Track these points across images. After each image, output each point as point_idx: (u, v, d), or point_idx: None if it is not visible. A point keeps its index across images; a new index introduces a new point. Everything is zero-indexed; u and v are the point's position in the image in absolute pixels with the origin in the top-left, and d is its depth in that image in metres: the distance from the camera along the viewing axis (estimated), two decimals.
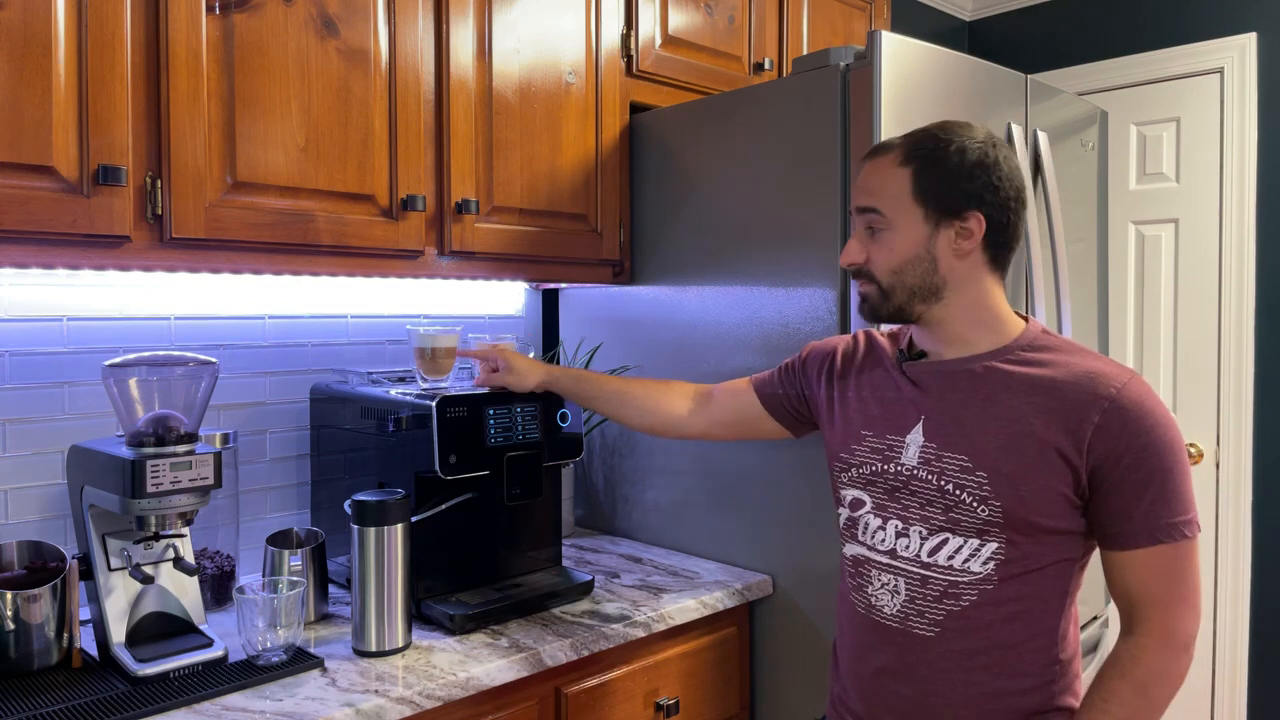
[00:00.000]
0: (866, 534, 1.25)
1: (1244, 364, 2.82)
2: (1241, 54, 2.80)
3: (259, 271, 1.54)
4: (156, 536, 1.40)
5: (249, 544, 1.82)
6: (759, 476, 1.88)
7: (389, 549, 1.46)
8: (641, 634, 1.61)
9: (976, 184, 1.14)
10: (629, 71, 2.06)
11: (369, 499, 1.46)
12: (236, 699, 1.28)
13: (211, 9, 1.43)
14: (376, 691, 1.31)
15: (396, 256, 1.68)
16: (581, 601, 1.70)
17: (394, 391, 1.66)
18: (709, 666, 1.78)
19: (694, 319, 1.99)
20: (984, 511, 1.13)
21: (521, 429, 1.66)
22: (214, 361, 1.39)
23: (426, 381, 1.67)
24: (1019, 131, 1.91)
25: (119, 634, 1.36)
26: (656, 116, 2.05)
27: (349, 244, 1.60)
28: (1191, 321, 2.93)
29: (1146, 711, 1.10)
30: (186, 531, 1.43)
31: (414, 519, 1.54)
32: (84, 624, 1.49)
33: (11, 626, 1.32)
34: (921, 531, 1.18)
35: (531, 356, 1.69)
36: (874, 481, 1.24)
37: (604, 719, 1.59)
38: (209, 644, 1.38)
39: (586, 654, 1.53)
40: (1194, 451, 2.91)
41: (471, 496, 1.63)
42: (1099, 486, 1.10)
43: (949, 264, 1.17)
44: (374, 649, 1.44)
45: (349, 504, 1.48)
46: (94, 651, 1.41)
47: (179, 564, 1.40)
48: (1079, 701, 1.17)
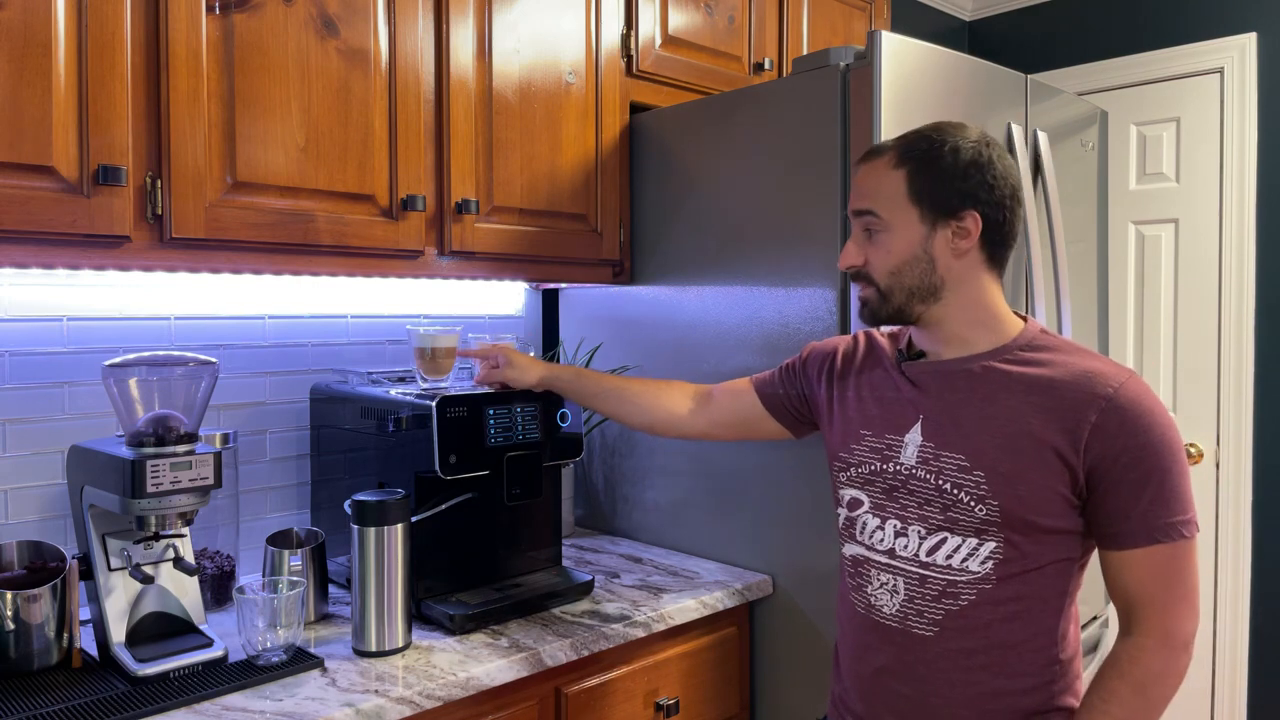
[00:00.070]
0: (865, 534, 1.25)
1: (1244, 364, 2.82)
2: (1241, 54, 2.80)
3: (259, 271, 1.54)
4: (156, 536, 1.40)
5: (249, 544, 1.82)
6: (759, 476, 1.88)
7: (389, 549, 1.46)
8: (641, 634, 1.62)
9: (971, 183, 1.15)
10: (629, 71, 2.06)
11: (369, 499, 1.46)
12: (236, 699, 1.28)
13: (211, 9, 1.43)
14: (376, 691, 1.31)
15: (396, 256, 1.68)
16: (581, 601, 1.70)
17: (394, 391, 1.66)
18: (709, 666, 1.78)
19: (694, 319, 1.99)
20: (981, 511, 1.13)
21: (521, 429, 1.66)
22: (214, 361, 1.39)
23: (426, 381, 1.67)
24: (1019, 131, 1.91)
25: (119, 634, 1.36)
26: (656, 116, 2.06)
27: (349, 244, 1.60)
28: (1191, 321, 2.93)
29: (1145, 711, 1.10)
30: (186, 531, 1.43)
31: (414, 519, 1.54)
32: (84, 624, 1.49)
33: (11, 626, 1.32)
34: (920, 531, 1.18)
35: (531, 356, 1.70)
36: (872, 481, 1.24)
37: (604, 719, 1.59)
38: (209, 644, 1.38)
39: (586, 654, 1.53)
40: (1194, 451, 2.91)
41: (471, 496, 1.63)
42: (1096, 486, 1.10)
43: (947, 264, 1.17)
44: (374, 649, 1.44)
45: (349, 504, 1.48)
46: (94, 651, 1.41)
47: (179, 564, 1.40)
48: (1080, 702, 1.17)
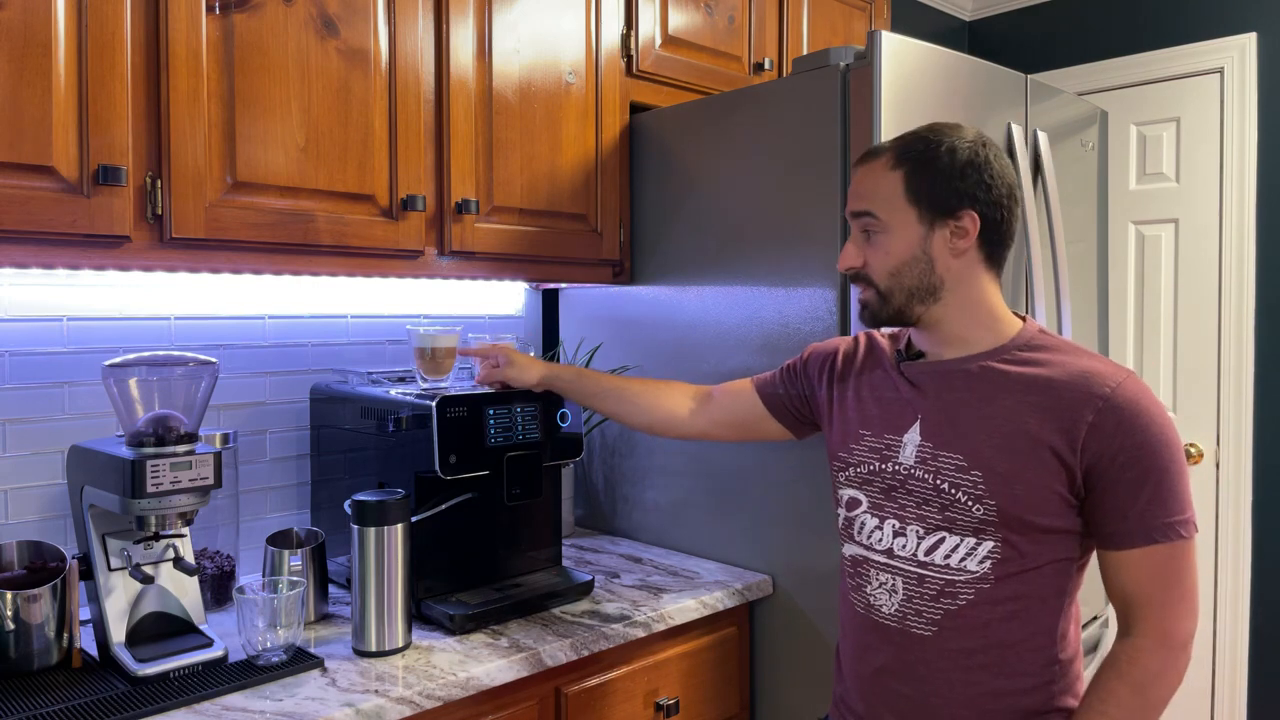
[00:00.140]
0: (863, 534, 1.25)
1: (1244, 364, 2.82)
2: (1241, 54, 2.80)
3: (259, 271, 1.54)
4: (156, 536, 1.40)
5: (249, 544, 1.82)
6: (759, 476, 1.88)
7: (389, 549, 1.46)
8: (641, 634, 1.62)
9: (969, 183, 1.15)
10: (629, 71, 2.06)
11: (369, 499, 1.46)
12: (236, 699, 1.28)
13: (211, 9, 1.43)
14: (376, 691, 1.31)
15: (396, 256, 1.68)
16: (581, 601, 1.70)
17: (394, 391, 1.66)
18: (709, 666, 1.78)
19: (694, 319, 1.99)
20: (979, 510, 1.13)
21: (521, 429, 1.66)
22: (214, 361, 1.39)
23: (426, 381, 1.67)
24: (1019, 131, 1.91)
25: (119, 634, 1.36)
26: (656, 116, 2.05)
27: (349, 244, 1.60)
28: (1191, 321, 2.93)
29: (1144, 712, 1.10)
30: (186, 531, 1.43)
31: (414, 519, 1.54)
32: (84, 624, 1.49)
33: (11, 626, 1.32)
34: (918, 531, 1.18)
35: (531, 355, 1.70)
36: (871, 481, 1.24)
37: (604, 719, 1.59)
38: (209, 644, 1.38)
39: (586, 654, 1.53)
40: (1194, 451, 2.91)
41: (471, 496, 1.63)
42: (1094, 485, 1.10)
43: (945, 264, 1.17)
44: (374, 649, 1.44)
45: (349, 504, 1.48)
46: (94, 651, 1.41)
47: (179, 564, 1.40)
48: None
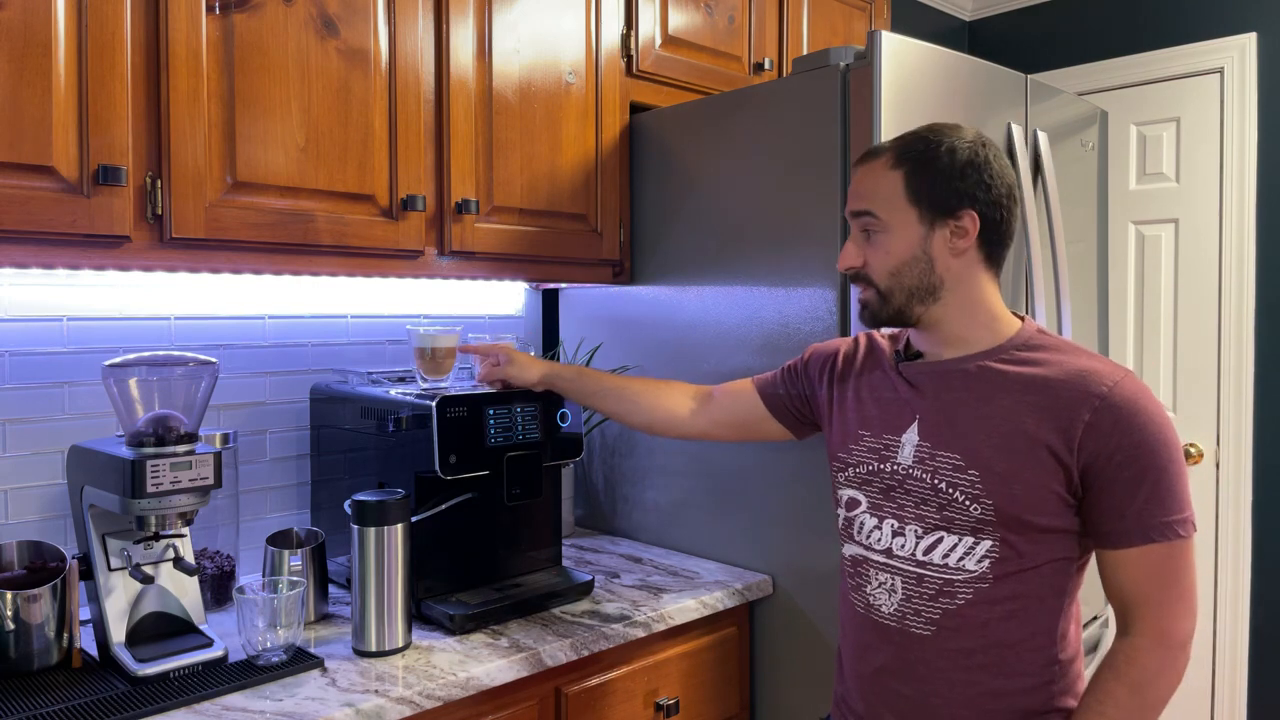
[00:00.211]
0: (862, 534, 1.25)
1: (1244, 364, 2.82)
2: (1241, 54, 2.80)
3: (259, 271, 1.54)
4: (156, 536, 1.40)
5: (249, 544, 1.82)
6: (759, 476, 1.87)
7: (389, 549, 1.46)
8: (641, 634, 1.62)
9: (969, 183, 1.15)
10: (629, 71, 2.06)
11: (369, 499, 1.46)
12: (236, 699, 1.28)
13: (211, 9, 1.43)
14: (376, 691, 1.31)
15: (396, 256, 1.68)
16: (581, 601, 1.70)
17: (394, 391, 1.66)
18: (709, 666, 1.78)
19: (694, 319, 1.99)
20: (976, 510, 1.13)
21: (521, 429, 1.66)
22: (214, 361, 1.39)
23: (426, 381, 1.67)
24: (1019, 131, 1.91)
25: (119, 634, 1.36)
26: (656, 116, 2.05)
27: (349, 244, 1.60)
28: (1191, 321, 2.93)
29: (1142, 712, 1.09)
30: (186, 531, 1.43)
31: (414, 519, 1.54)
32: (84, 624, 1.49)
33: (11, 626, 1.32)
34: (917, 530, 1.18)
35: (531, 355, 1.70)
36: (870, 481, 1.24)
37: (604, 719, 1.59)
38: (209, 644, 1.38)
39: (586, 654, 1.53)
40: (1194, 451, 2.91)
41: (471, 496, 1.63)
42: (1091, 485, 1.10)
43: (945, 263, 1.17)
44: (374, 649, 1.44)
45: (349, 504, 1.48)
46: (94, 651, 1.41)
47: (179, 564, 1.40)
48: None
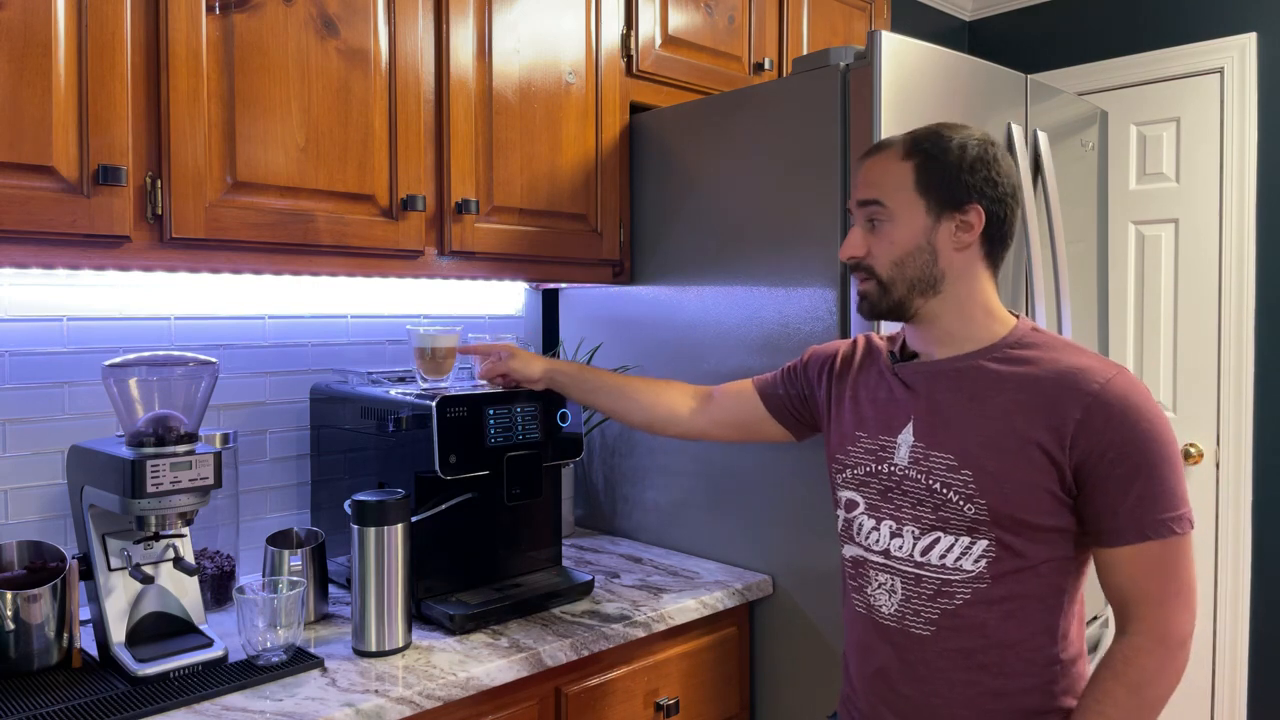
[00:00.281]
0: (861, 535, 1.25)
1: (1244, 364, 2.82)
2: (1241, 54, 2.80)
3: (259, 271, 1.54)
4: (156, 536, 1.40)
5: (249, 544, 1.82)
6: (759, 476, 1.88)
7: (389, 549, 1.46)
8: (641, 634, 1.62)
9: (977, 178, 1.16)
10: (629, 71, 2.06)
11: (369, 499, 1.46)
12: (236, 699, 1.28)
13: (211, 9, 1.43)
14: (376, 691, 1.31)
15: (396, 256, 1.68)
16: (581, 601, 1.70)
17: (394, 391, 1.66)
18: (709, 666, 1.78)
19: (694, 319, 1.99)
20: (970, 510, 1.13)
21: (521, 429, 1.66)
22: (214, 361, 1.39)
23: (426, 381, 1.67)
24: (1019, 131, 1.91)
25: (119, 634, 1.36)
26: (656, 116, 2.05)
27: (349, 244, 1.60)
28: (1191, 321, 2.93)
29: (1140, 712, 1.09)
30: (186, 531, 1.43)
31: (414, 519, 1.54)
32: (84, 624, 1.49)
33: (11, 626, 1.32)
34: (914, 531, 1.18)
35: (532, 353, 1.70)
36: (867, 482, 1.24)
37: (604, 719, 1.59)
38: (209, 644, 1.38)
39: (586, 654, 1.53)
40: (1194, 451, 2.91)
41: (471, 496, 1.63)
42: (1084, 483, 1.10)
43: (948, 257, 1.17)
44: (374, 649, 1.44)
45: (349, 504, 1.48)
46: (94, 651, 1.41)
47: (179, 564, 1.40)
48: None
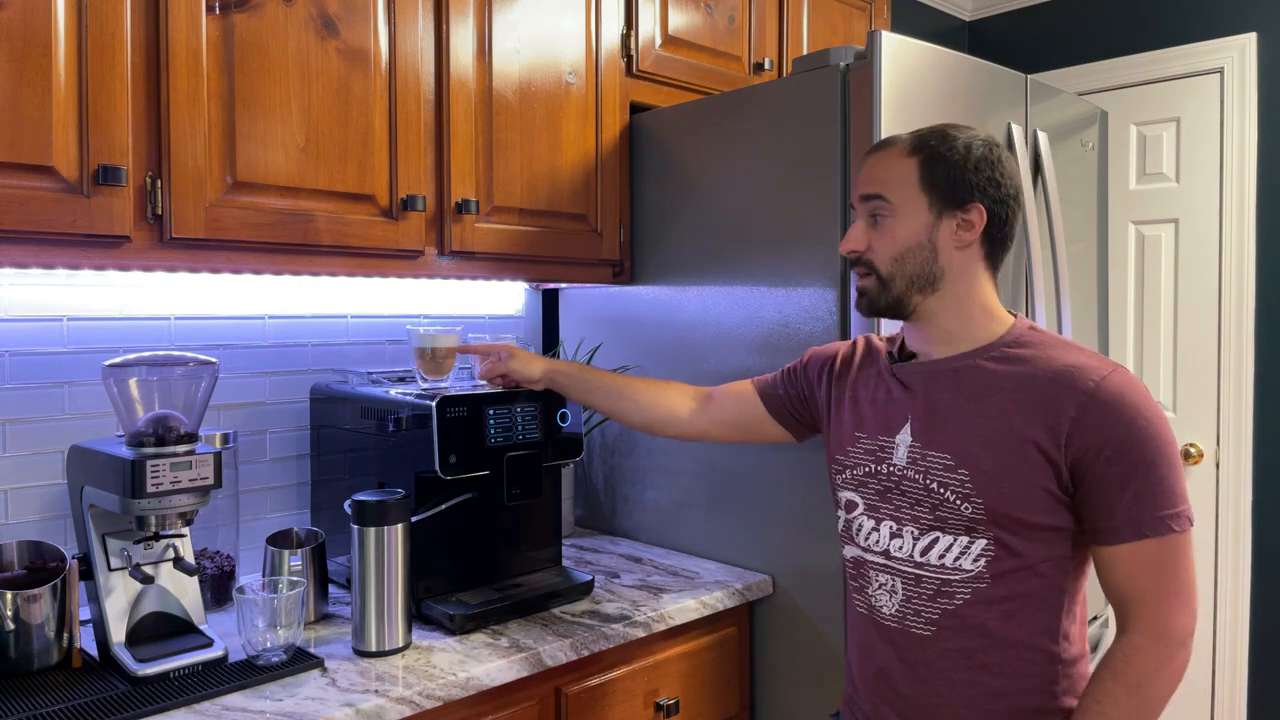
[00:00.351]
0: (861, 535, 1.25)
1: (1244, 364, 2.82)
2: (1241, 54, 2.80)
3: (259, 271, 1.54)
4: (156, 536, 1.40)
5: (249, 544, 1.82)
6: (759, 477, 1.88)
7: (389, 549, 1.46)
8: (641, 634, 1.62)
9: (981, 177, 1.16)
10: (629, 71, 2.06)
11: (369, 499, 1.46)
12: (236, 699, 1.28)
13: (211, 9, 1.43)
14: (376, 691, 1.31)
15: (396, 256, 1.68)
16: (581, 601, 1.70)
17: (394, 391, 1.66)
18: (709, 666, 1.78)
19: (694, 319, 1.99)
20: (967, 509, 1.13)
21: (521, 429, 1.66)
22: (214, 361, 1.39)
23: (426, 381, 1.67)
24: (1019, 131, 1.91)
25: (119, 634, 1.36)
26: (656, 116, 2.05)
27: (349, 244, 1.60)
28: (1191, 321, 2.93)
29: (1140, 711, 1.09)
30: (186, 531, 1.43)
31: (414, 519, 1.54)
32: (84, 624, 1.49)
33: (11, 626, 1.32)
34: (913, 531, 1.18)
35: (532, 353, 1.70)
36: (866, 483, 1.24)
37: (604, 719, 1.59)
38: (209, 644, 1.38)
39: (586, 654, 1.53)
40: (1194, 451, 2.91)
41: (471, 496, 1.63)
42: (1081, 481, 1.10)
43: (948, 255, 1.18)
44: (374, 649, 1.44)
45: (349, 504, 1.48)
46: (94, 651, 1.41)
47: (179, 564, 1.40)
48: None
